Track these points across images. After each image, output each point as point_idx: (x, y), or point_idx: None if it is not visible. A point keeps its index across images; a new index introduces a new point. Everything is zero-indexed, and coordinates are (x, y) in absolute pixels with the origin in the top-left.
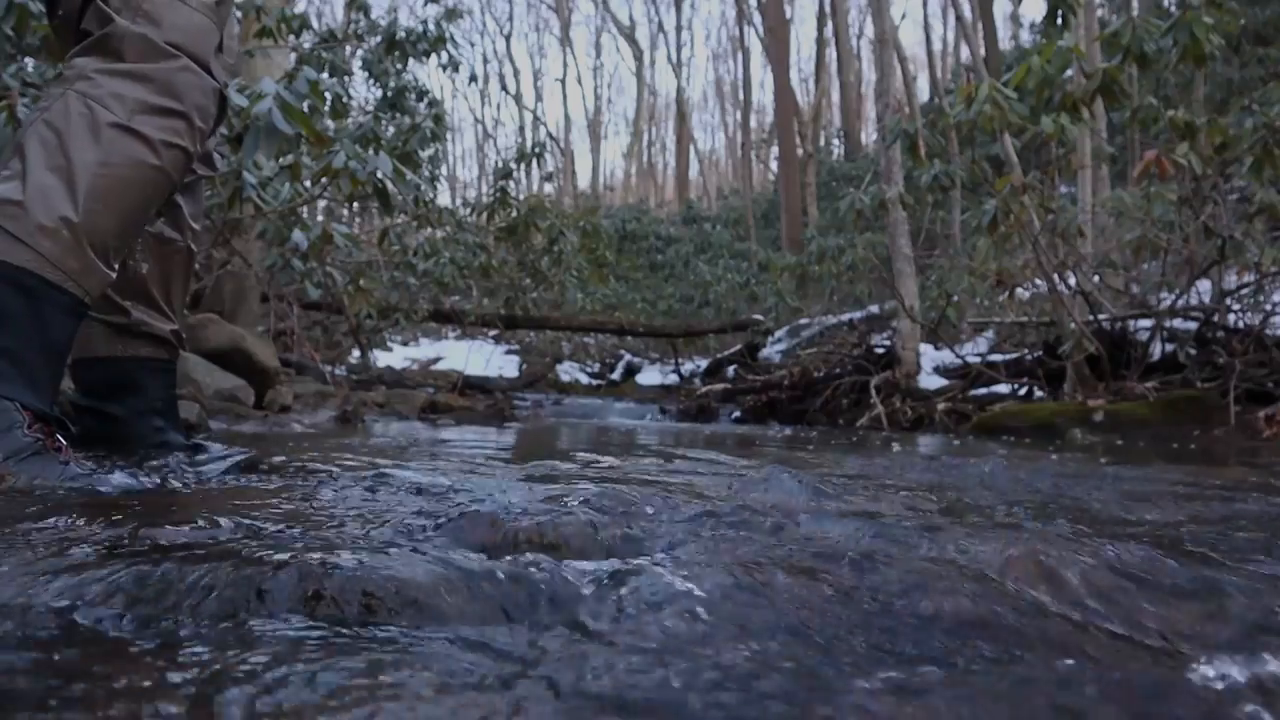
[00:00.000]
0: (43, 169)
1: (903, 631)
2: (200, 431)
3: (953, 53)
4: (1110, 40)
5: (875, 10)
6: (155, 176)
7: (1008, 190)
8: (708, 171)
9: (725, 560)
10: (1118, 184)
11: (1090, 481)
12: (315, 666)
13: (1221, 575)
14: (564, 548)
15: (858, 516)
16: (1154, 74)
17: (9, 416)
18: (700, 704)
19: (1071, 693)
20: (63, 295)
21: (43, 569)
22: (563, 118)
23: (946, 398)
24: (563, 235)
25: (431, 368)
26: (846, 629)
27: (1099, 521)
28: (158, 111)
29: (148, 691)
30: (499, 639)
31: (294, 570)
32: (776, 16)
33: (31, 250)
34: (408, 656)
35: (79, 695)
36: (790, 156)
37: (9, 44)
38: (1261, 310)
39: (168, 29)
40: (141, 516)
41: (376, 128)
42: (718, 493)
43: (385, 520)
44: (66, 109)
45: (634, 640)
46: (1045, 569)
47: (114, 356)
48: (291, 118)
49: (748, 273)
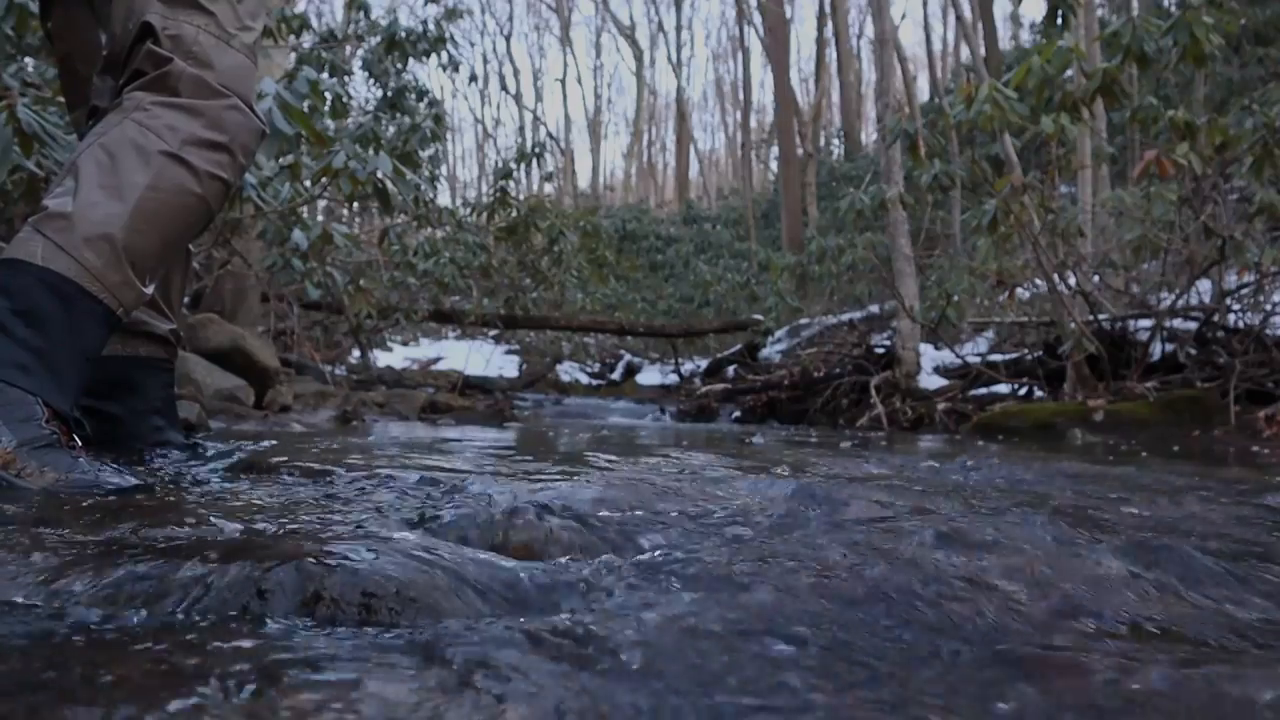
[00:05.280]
0: (94, 186)
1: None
2: (200, 431)
3: (953, 53)
4: (1110, 40)
5: (875, 10)
6: (197, 205)
7: (1008, 190)
8: (708, 171)
9: (725, 560)
10: (1118, 184)
11: (1112, 481)
12: (315, 666)
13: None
14: (564, 547)
15: (861, 518)
16: (1154, 74)
17: (30, 409)
18: (692, 706)
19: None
20: (98, 305)
21: (42, 568)
22: (563, 118)
23: (946, 398)
24: (563, 235)
25: (431, 368)
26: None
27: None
28: (206, 145)
29: (147, 692)
30: (499, 638)
31: (294, 570)
32: (776, 16)
33: (74, 261)
34: (407, 656)
35: (78, 695)
36: (790, 156)
37: (9, 44)
38: (1261, 310)
39: (220, 72)
40: (141, 516)
41: (376, 128)
42: (716, 492)
43: (385, 520)
44: (123, 135)
45: (634, 639)
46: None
47: (113, 355)
48: (291, 118)
49: (748, 273)
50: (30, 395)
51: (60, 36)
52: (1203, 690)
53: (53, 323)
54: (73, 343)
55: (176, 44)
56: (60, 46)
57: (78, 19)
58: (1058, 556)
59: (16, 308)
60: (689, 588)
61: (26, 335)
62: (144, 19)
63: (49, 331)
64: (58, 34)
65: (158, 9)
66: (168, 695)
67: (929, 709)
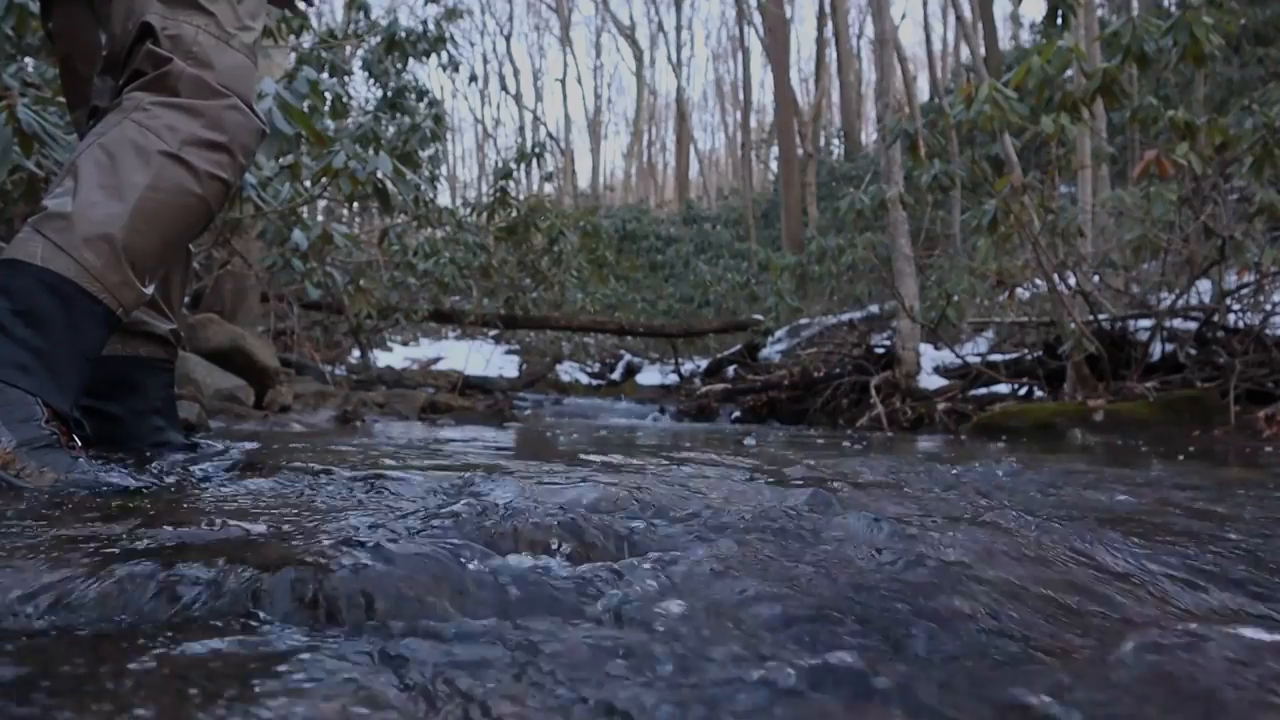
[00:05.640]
0: (93, 187)
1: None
2: (200, 431)
3: (953, 53)
4: (1110, 40)
5: (875, 10)
6: (197, 205)
7: (1008, 190)
8: (708, 171)
9: (723, 559)
10: (1118, 184)
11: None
12: (315, 666)
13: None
14: (563, 547)
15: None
16: (1154, 74)
17: (30, 409)
18: (689, 706)
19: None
20: (97, 306)
21: (41, 567)
22: (563, 118)
23: (946, 398)
24: (563, 235)
25: (431, 368)
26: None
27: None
28: (206, 145)
29: (146, 691)
30: (498, 638)
31: (293, 570)
32: (776, 16)
33: (74, 261)
34: (407, 656)
35: (76, 695)
36: (790, 156)
37: (9, 44)
38: (1261, 310)
39: (219, 72)
40: (140, 516)
41: (376, 128)
42: (715, 491)
43: (384, 520)
44: (122, 135)
45: (633, 639)
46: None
47: (113, 355)
48: (291, 118)
49: (748, 273)
50: (30, 395)
51: (61, 37)
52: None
53: (52, 323)
54: (72, 343)
55: (176, 44)
56: (61, 47)
57: (78, 19)
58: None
59: (16, 308)
60: (689, 587)
61: (26, 335)
62: (143, 19)
63: (49, 332)
64: (58, 34)
65: (157, 9)
66: (167, 695)
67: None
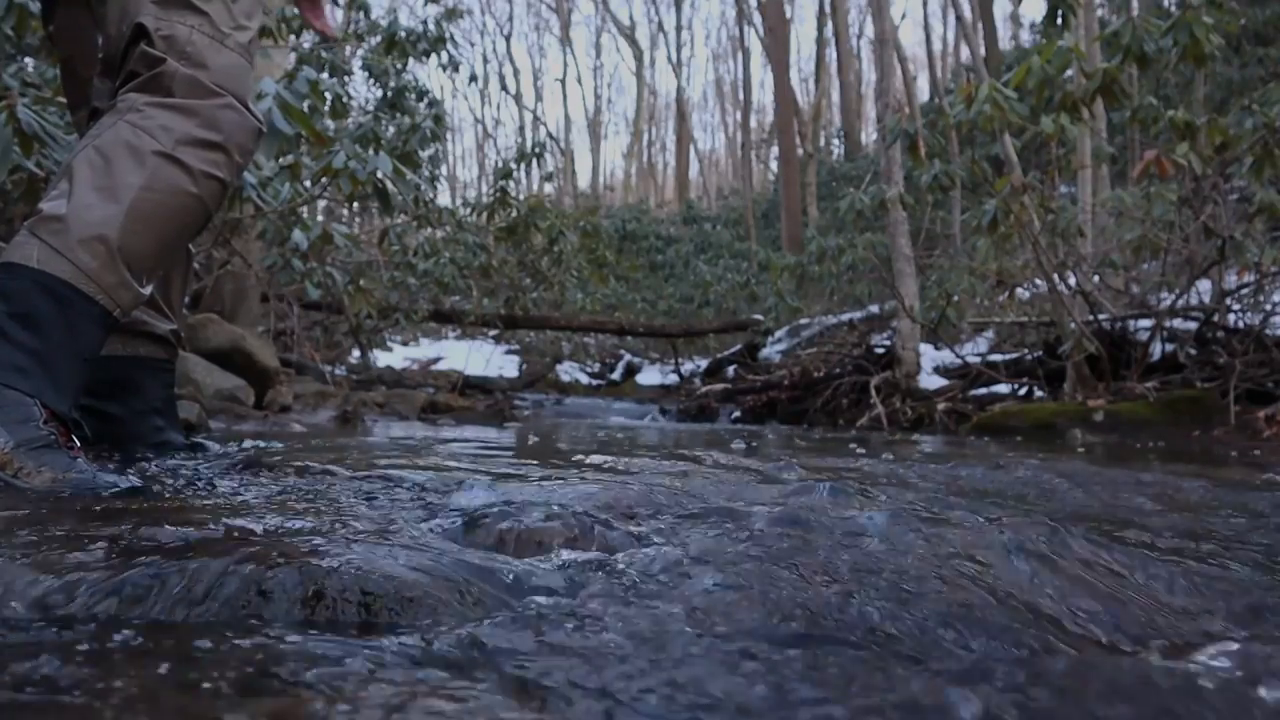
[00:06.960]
0: (88, 188)
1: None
2: (200, 431)
3: (953, 53)
4: (1110, 40)
5: (875, 10)
6: (193, 204)
7: (1008, 190)
8: (708, 171)
9: (722, 558)
10: (1118, 184)
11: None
12: (315, 666)
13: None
14: (564, 546)
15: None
16: (1154, 74)
17: (28, 410)
18: (688, 703)
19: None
20: (94, 307)
21: (42, 567)
22: (563, 118)
23: (946, 398)
24: (563, 235)
25: (431, 368)
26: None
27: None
28: (200, 144)
29: (146, 691)
30: (499, 637)
31: (294, 569)
32: (776, 16)
33: (69, 263)
34: (407, 655)
35: (76, 694)
36: (790, 156)
37: (9, 44)
38: (1261, 310)
39: (214, 71)
40: (141, 516)
41: (376, 128)
42: (713, 491)
43: (384, 519)
44: (116, 136)
45: (633, 639)
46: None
47: (113, 356)
48: (291, 118)
49: (748, 273)
50: (28, 397)
51: (62, 39)
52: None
53: (49, 325)
54: (70, 344)
55: (170, 44)
56: (62, 49)
57: (79, 22)
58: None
59: (13, 311)
60: (689, 586)
61: (24, 338)
62: (137, 20)
63: (46, 334)
64: (59, 37)
65: (151, 10)
66: (168, 695)
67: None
